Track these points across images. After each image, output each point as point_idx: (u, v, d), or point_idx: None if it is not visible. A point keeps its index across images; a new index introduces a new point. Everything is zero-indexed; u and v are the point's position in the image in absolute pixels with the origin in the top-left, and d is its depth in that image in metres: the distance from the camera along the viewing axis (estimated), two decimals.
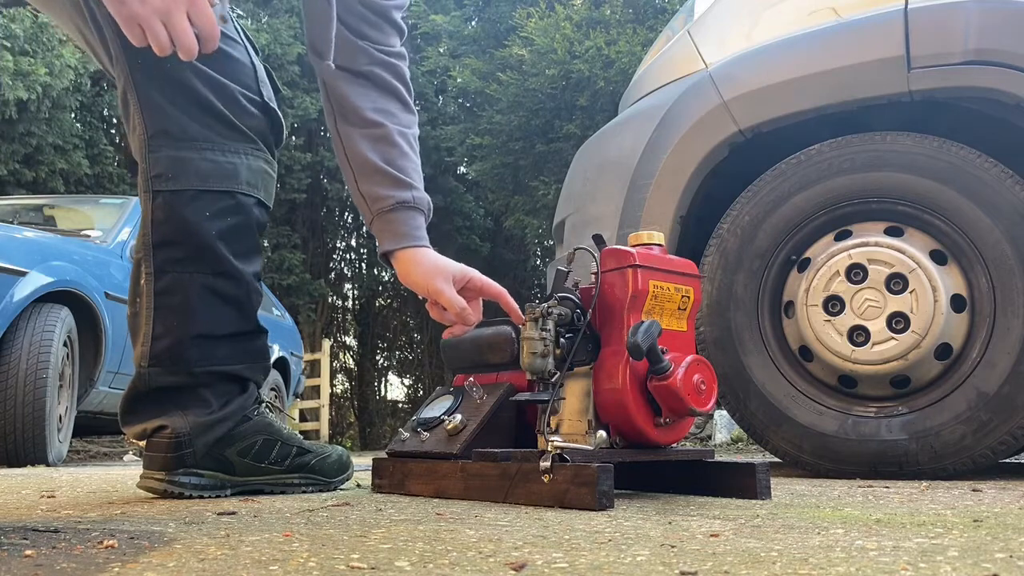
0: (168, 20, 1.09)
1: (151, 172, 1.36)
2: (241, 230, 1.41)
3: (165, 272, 1.37)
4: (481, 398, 1.45)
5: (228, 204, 1.39)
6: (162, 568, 0.69)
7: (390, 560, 0.73)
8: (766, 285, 2.05)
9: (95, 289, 3.86)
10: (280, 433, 1.48)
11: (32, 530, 0.93)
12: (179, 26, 1.10)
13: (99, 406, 4.21)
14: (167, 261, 1.37)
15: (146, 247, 1.37)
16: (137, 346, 1.39)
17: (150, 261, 1.37)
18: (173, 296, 1.37)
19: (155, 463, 1.37)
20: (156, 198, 1.36)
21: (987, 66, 1.86)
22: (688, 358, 1.28)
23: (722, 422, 6.14)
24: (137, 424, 1.41)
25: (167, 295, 1.37)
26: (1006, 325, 1.81)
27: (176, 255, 1.37)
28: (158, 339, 1.36)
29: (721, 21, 2.25)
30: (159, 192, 1.36)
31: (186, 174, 1.36)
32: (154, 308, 1.37)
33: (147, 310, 1.37)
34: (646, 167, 2.17)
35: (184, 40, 1.10)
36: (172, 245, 1.37)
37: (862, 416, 1.91)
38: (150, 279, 1.37)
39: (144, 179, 1.37)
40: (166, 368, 1.36)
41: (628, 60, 8.45)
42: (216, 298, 1.39)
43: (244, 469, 1.43)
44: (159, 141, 1.35)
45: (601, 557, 0.74)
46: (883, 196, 1.94)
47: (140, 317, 1.39)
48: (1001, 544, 0.81)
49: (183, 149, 1.35)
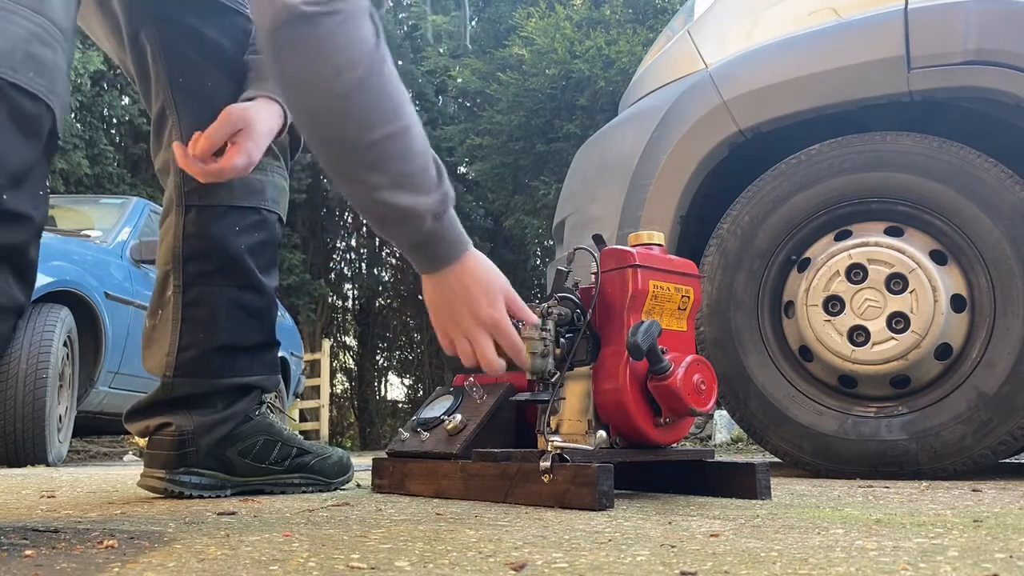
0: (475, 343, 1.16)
1: (184, 187, 1.38)
2: (266, 245, 1.45)
3: (194, 285, 1.39)
4: (481, 398, 1.45)
5: (255, 220, 1.43)
6: (162, 568, 0.69)
7: (390, 560, 0.73)
8: (766, 285, 2.05)
9: (95, 289, 3.86)
10: (281, 434, 1.49)
11: (32, 530, 0.93)
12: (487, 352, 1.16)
13: (99, 406, 4.21)
14: (196, 274, 1.39)
15: (175, 259, 1.40)
16: (158, 356, 1.40)
17: (179, 273, 1.40)
18: (201, 308, 1.39)
19: (157, 461, 1.38)
20: (188, 212, 1.39)
21: (987, 66, 1.86)
22: (688, 358, 1.28)
23: (722, 422, 6.14)
24: (140, 421, 1.42)
25: (195, 307, 1.39)
26: (1006, 325, 1.81)
27: (205, 268, 1.39)
28: (184, 350, 1.38)
29: (721, 21, 2.25)
30: (191, 207, 1.39)
31: (218, 190, 1.38)
32: (182, 320, 1.39)
33: (173, 321, 1.39)
34: (646, 167, 2.17)
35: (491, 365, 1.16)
36: (202, 259, 1.39)
37: (862, 416, 1.91)
38: (178, 291, 1.39)
39: (177, 193, 1.39)
40: (190, 378, 1.38)
41: (628, 60, 8.45)
42: (241, 311, 1.42)
43: (245, 469, 1.44)
44: None
45: (601, 557, 0.74)
46: (883, 196, 1.94)
47: (163, 328, 1.40)
48: (1001, 544, 0.81)
49: None
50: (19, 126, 0.81)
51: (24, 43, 0.81)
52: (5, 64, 0.79)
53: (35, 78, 0.81)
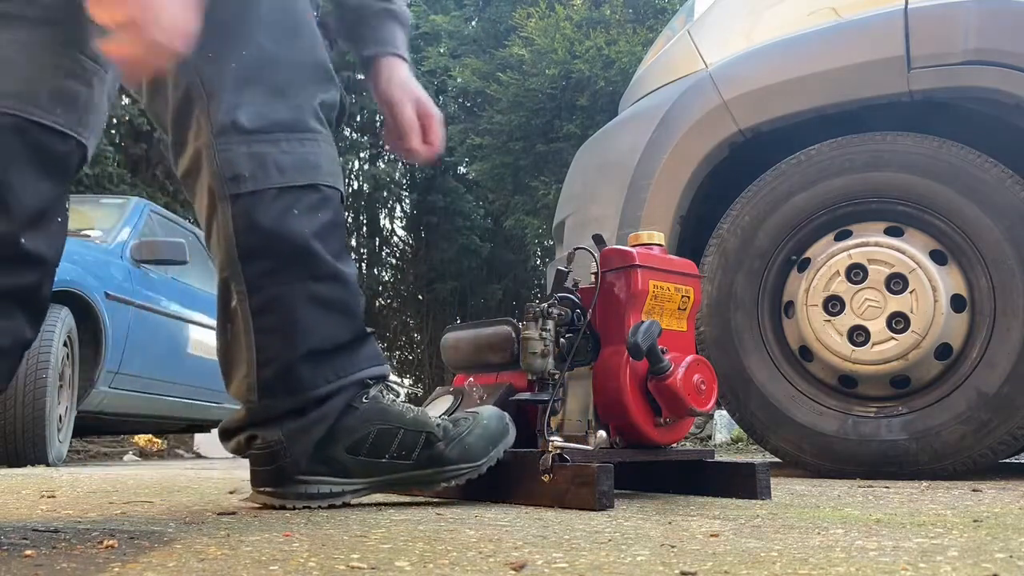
0: None
1: (225, 175, 1.15)
2: (333, 227, 1.21)
3: (260, 288, 1.18)
4: (481, 398, 1.45)
5: (315, 199, 1.19)
6: (162, 568, 0.69)
7: (390, 560, 0.73)
8: (766, 285, 2.05)
9: (95, 289, 3.86)
10: (401, 418, 1.22)
11: (32, 530, 0.93)
12: None
13: (99, 406, 4.21)
14: (259, 274, 1.17)
15: (231, 263, 1.17)
16: (237, 378, 1.20)
17: (240, 278, 1.17)
18: (273, 314, 1.18)
19: (256, 479, 1.21)
20: (235, 203, 1.16)
21: (987, 66, 1.86)
22: (688, 358, 1.28)
23: (722, 422, 6.14)
24: (232, 439, 1.25)
25: (266, 314, 1.18)
26: (1006, 325, 1.81)
27: (268, 266, 1.17)
28: (264, 366, 1.17)
29: (721, 21, 2.25)
30: (237, 196, 1.16)
31: (265, 171, 1.16)
32: (254, 331, 1.17)
33: (245, 335, 1.18)
34: (646, 167, 2.17)
35: None
36: (261, 255, 1.17)
37: (862, 416, 1.91)
38: (243, 298, 1.18)
39: (218, 183, 1.16)
40: (281, 397, 1.18)
41: (628, 60, 8.45)
42: (320, 307, 1.20)
43: (361, 469, 1.21)
44: (228, 138, 1.15)
45: (601, 557, 0.74)
46: (883, 196, 1.94)
47: (236, 345, 1.20)
48: (1001, 544, 0.81)
49: (256, 143, 1.16)
50: (42, 164, 0.80)
51: (53, 80, 0.81)
52: (29, 102, 0.79)
53: (63, 115, 0.81)
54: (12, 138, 0.79)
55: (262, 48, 1.16)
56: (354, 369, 1.22)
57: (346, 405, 1.21)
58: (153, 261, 4.40)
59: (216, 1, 1.08)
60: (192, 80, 1.15)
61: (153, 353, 4.48)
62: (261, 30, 1.16)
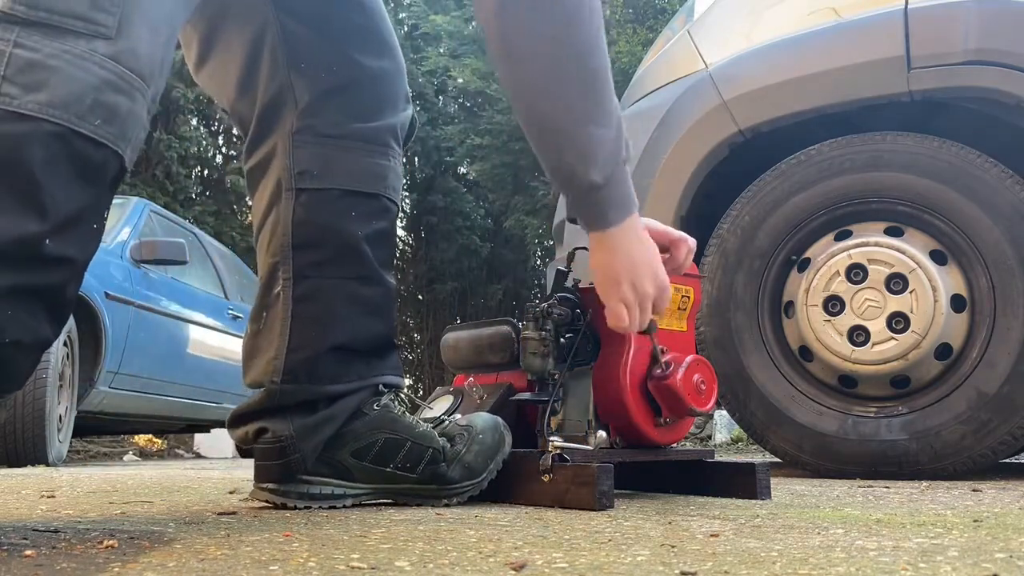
0: None
1: (295, 169, 1.24)
2: (386, 236, 1.29)
3: (305, 277, 1.23)
4: (481, 398, 1.45)
5: (376, 207, 1.27)
6: (162, 568, 0.69)
7: (390, 560, 0.73)
8: (766, 285, 2.05)
9: (95, 289, 3.86)
10: (410, 430, 1.24)
11: (32, 530, 0.93)
12: None
13: (99, 406, 4.21)
14: (308, 265, 1.23)
15: (283, 249, 1.24)
16: (261, 363, 1.24)
17: (289, 265, 1.23)
18: (314, 303, 1.23)
19: (261, 473, 1.23)
20: (299, 196, 1.23)
21: (987, 66, 1.86)
22: (688, 358, 1.28)
23: (722, 422, 6.14)
24: (240, 428, 1.27)
25: (307, 302, 1.23)
26: (1006, 325, 1.81)
27: (317, 258, 1.23)
28: (294, 351, 1.21)
29: (721, 21, 2.25)
30: (303, 190, 1.24)
31: (332, 172, 1.24)
32: (291, 317, 1.22)
33: (283, 321, 1.22)
34: (646, 167, 2.17)
35: None
36: (313, 247, 1.23)
37: (862, 416, 1.91)
38: (288, 284, 1.23)
39: (287, 176, 1.24)
40: (300, 385, 1.21)
41: (628, 60, 8.46)
42: (359, 306, 1.25)
43: (364, 474, 1.23)
44: (304, 137, 1.24)
45: (601, 557, 0.74)
46: (883, 196, 1.94)
47: (270, 331, 1.24)
48: (1001, 544, 0.81)
49: (331, 147, 1.25)
50: (79, 172, 0.82)
51: (95, 91, 0.83)
52: (71, 112, 0.81)
53: (102, 126, 0.83)
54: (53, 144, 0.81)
55: (351, 66, 1.26)
56: (374, 374, 1.26)
57: (356, 408, 1.23)
58: (153, 261, 4.40)
59: (311, 19, 1.24)
60: (284, 85, 1.25)
61: (153, 353, 4.48)
62: (353, 48, 1.26)
